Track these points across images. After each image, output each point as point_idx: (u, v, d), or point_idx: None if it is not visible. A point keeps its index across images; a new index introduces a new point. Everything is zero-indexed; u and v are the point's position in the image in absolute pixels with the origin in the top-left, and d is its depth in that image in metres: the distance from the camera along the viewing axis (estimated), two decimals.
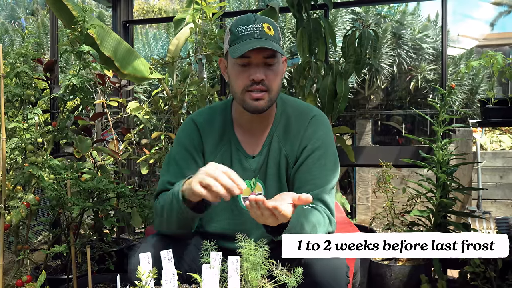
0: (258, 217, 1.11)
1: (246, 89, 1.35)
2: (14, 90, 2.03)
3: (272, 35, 1.33)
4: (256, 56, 1.33)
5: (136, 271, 1.20)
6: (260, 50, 1.31)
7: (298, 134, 1.43)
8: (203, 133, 1.48)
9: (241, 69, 1.35)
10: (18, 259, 1.92)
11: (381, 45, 5.40)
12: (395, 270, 2.48)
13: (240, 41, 1.32)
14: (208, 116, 1.51)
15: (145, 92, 5.45)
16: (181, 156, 1.46)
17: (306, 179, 1.39)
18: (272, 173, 1.43)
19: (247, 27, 1.33)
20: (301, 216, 1.20)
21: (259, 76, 1.33)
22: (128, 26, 3.38)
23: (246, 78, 1.35)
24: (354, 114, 5.85)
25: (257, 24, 1.33)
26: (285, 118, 1.46)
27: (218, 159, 1.45)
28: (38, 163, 1.96)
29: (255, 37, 1.31)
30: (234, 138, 1.47)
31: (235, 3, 5.64)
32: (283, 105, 1.49)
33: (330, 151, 1.43)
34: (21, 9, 8.78)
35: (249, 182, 1.44)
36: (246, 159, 1.45)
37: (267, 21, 1.36)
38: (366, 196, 4.79)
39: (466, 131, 4.54)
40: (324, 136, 1.43)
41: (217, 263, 1.02)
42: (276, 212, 1.07)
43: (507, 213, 4.89)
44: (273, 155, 1.43)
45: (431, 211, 2.47)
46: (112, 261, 2.26)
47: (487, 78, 5.96)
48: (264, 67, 1.35)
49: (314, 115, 1.46)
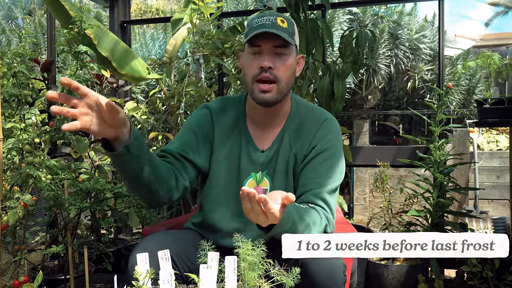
0: (249, 213, 1.10)
1: (256, 79, 1.37)
2: (11, 90, 2.03)
3: (285, 27, 1.36)
4: (266, 45, 1.36)
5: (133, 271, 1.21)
6: (270, 40, 1.34)
7: (310, 134, 1.45)
8: (216, 121, 1.49)
9: (252, 58, 1.38)
10: (15, 260, 1.92)
11: (378, 46, 5.40)
12: (392, 270, 2.49)
13: (252, 31, 1.35)
14: (223, 106, 1.53)
15: (142, 92, 5.44)
16: (186, 136, 1.48)
17: (311, 177, 1.40)
18: (280, 170, 1.44)
19: (261, 19, 1.37)
20: (294, 215, 1.20)
21: (266, 64, 1.35)
22: (126, 26, 3.37)
23: (256, 67, 1.37)
24: (351, 114, 5.85)
25: (271, 16, 1.37)
26: (298, 117, 1.48)
27: (227, 148, 1.47)
28: (35, 163, 1.96)
29: (266, 26, 1.34)
30: (246, 131, 1.49)
31: (232, 3, 5.64)
32: (297, 105, 1.51)
33: (338, 155, 1.45)
34: (18, 9, 8.75)
35: (255, 175, 1.45)
36: (255, 152, 1.46)
37: (282, 16, 1.40)
38: (363, 196, 4.79)
39: (463, 131, 4.55)
40: (334, 140, 1.45)
41: (214, 263, 1.02)
42: (266, 209, 1.06)
43: (504, 213, 4.91)
44: (283, 152, 1.45)
45: (428, 211, 2.48)
46: (110, 262, 2.26)
47: (484, 78, 5.98)
48: (274, 56, 1.37)
49: (327, 118, 1.49)
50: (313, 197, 1.36)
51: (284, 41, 1.35)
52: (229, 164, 1.47)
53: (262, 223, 1.11)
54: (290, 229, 1.19)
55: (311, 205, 1.33)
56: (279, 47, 1.36)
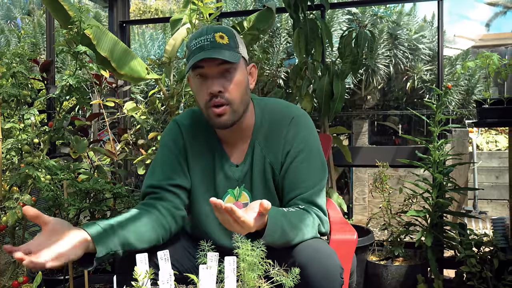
0: (225, 223, 1.09)
1: (208, 105, 1.31)
2: (10, 90, 2.02)
3: (225, 43, 1.29)
4: (209, 66, 1.28)
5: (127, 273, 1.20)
6: (213, 59, 1.27)
7: (280, 140, 1.39)
8: (187, 137, 1.44)
9: (200, 83, 1.32)
10: (14, 260, 1.92)
11: (378, 46, 5.41)
12: (391, 270, 2.49)
13: (192, 55, 1.29)
14: (193, 120, 1.47)
15: (141, 92, 5.44)
16: (166, 159, 1.42)
17: (294, 183, 1.35)
18: (258, 182, 1.40)
19: (199, 40, 1.29)
20: (282, 221, 1.18)
21: (215, 89, 1.28)
22: (125, 26, 3.37)
23: (205, 93, 1.30)
24: (350, 114, 5.86)
25: (208, 35, 1.29)
26: (265, 124, 1.41)
27: (201, 165, 1.42)
28: (34, 163, 1.96)
29: (205, 49, 1.27)
30: (218, 146, 1.43)
31: (231, 3, 5.64)
32: (262, 111, 1.44)
33: (314, 152, 1.39)
34: (17, 9, 8.74)
35: (232, 191, 1.40)
36: (230, 167, 1.41)
37: (221, 30, 1.31)
38: (362, 196, 4.80)
39: (462, 131, 4.56)
40: (306, 137, 1.39)
41: (214, 264, 1.02)
42: (235, 218, 1.04)
43: (503, 213, 4.91)
44: (257, 164, 1.40)
45: (428, 211, 2.48)
46: (109, 262, 2.25)
47: (483, 78, 5.99)
48: (221, 78, 1.29)
49: (293, 117, 1.40)
50: (302, 202, 1.33)
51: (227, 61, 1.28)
52: (205, 182, 1.42)
53: (239, 232, 1.09)
54: (281, 237, 1.17)
55: (301, 207, 1.31)
56: (223, 65, 1.28)
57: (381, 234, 3.82)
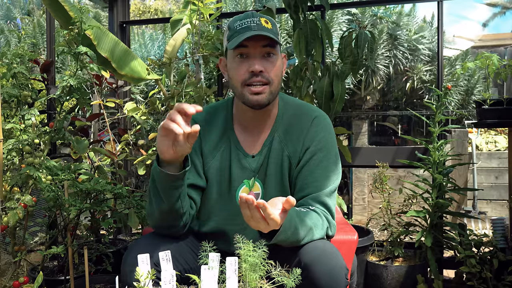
0: (249, 220, 1.08)
1: (246, 83, 1.34)
2: (10, 91, 2.03)
3: (269, 28, 1.34)
4: (253, 46, 1.33)
5: (129, 272, 1.21)
6: (258, 40, 1.32)
7: (301, 135, 1.42)
8: (202, 133, 1.46)
9: (240, 61, 1.35)
10: (15, 260, 1.92)
11: (377, 46, 5.41)
12: (391, 271, 2.49)
13: (237, 34, 1.33)
14: (208, 115, 1.50)
15: (142, 92, 5.44)
16: None
17: (308, 181, 1.37)
18: (272, 174, 1.41)
19: (245, 21, 1.34)
20: (295, 220, 1.19)
21: (257, 68, 1.32)
22: (125, 26, 3.37)
23: (245, 71, 1.34)
24: (350, 114, 5.86)
25: (254, 18, 1.35)
26: (287, 118, 1.45)
27: (217, 159, 1.44)
28: (35, 164, 1.96)
29: (252, 29, 1.32)
30: (234, 137, 1.45)
31: (231, 4, 5.64)
32: (285, 105, 1.48)
33: (332, 153, 1.42)
34: (17, 9, 8.74)
35: (248, 181, 1.42)
36: (245, 158, 1.43)
37: (265, 17, 1.37)
38: (362, 197, 4.80)
39: (462, 132, 4.56)
40: (326, 138, 1.42)
41: (215, 264, 1.02)
42: (265, 214, 1.05)
43: (503, 214, 4.91)
44: (274, 155, 1.42)
45: (427, 212, 2.48)
46: (109, 262, 2.26)
47: (483, 79, 6.00)
48: (263, 59, 1.34)
49: (316, 116, 1.44)
50: (313, 201, 1.34)
51: (272, 41, 1.33)
52: (221, 175, 1.44)
53: (263, 229, 1.10)
54: (293, 235, 1.18)
55: (312, 207, 1.32)
56: (267, 47, 1.34)
57: (381, 234, 3.83)
